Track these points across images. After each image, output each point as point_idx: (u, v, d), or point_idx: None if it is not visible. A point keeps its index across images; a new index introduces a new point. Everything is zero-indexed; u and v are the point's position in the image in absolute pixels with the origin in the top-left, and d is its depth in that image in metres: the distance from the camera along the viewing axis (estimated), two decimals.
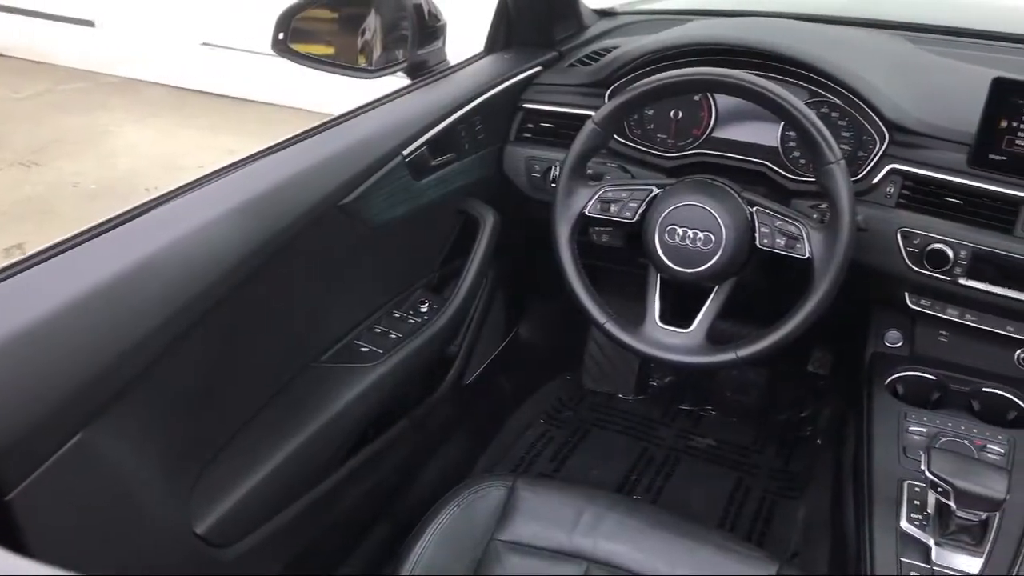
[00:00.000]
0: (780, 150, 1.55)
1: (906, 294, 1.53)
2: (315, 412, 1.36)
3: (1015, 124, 1.37)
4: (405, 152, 1.44)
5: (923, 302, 1.52)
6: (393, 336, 1.53)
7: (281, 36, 1.62)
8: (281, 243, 1.22)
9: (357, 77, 1.69)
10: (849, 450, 1.58)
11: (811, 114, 1.30)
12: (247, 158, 1.29)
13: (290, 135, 1.35)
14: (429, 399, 1.74)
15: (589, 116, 1.44)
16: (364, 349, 1.49)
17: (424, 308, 1.62)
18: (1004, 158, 1.39)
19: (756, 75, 1.36)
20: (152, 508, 1.09)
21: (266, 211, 1.20)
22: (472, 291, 1.66)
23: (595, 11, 1.99)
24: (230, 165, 1.26)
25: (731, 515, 1.99)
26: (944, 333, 1.59)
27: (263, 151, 1.31)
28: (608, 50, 1.74)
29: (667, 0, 2.34)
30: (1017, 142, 1.38)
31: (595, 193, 1.43)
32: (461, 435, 1.98)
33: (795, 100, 1.30)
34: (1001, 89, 1.36)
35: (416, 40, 1.65)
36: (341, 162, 1.33)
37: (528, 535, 1.37)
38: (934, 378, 1.56)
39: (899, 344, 1.62)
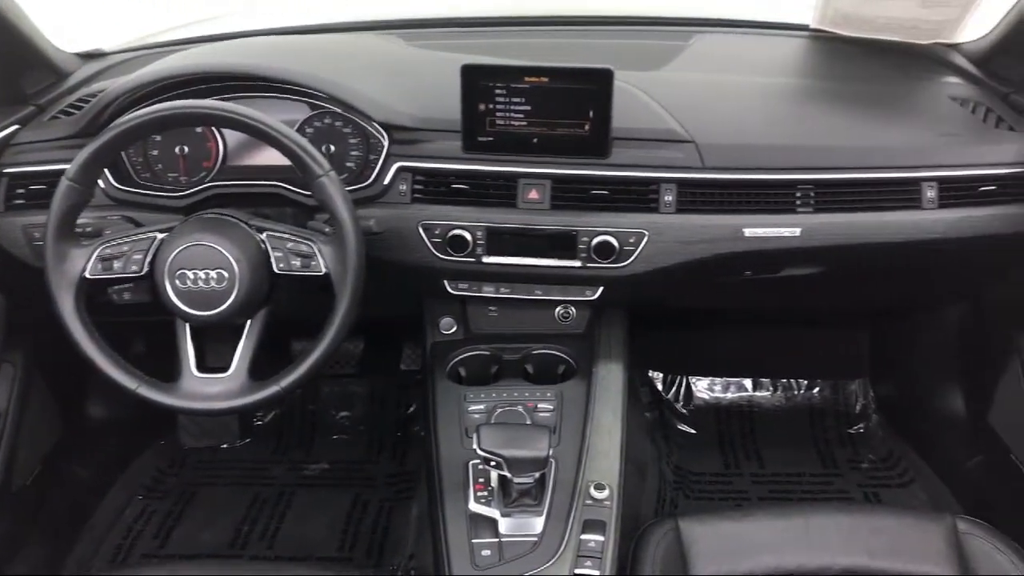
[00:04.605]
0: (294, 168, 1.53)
1: (445, 282, 1.57)
2: None
3: (491, 106, 1.45)
4: None
5: (461, 285, 1.58)
6: None
7: None
8: None
9: None
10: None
11: (288, 132, 1.29)
12: None
13: None
14: None
15: None
16: None
17: None
18: (491, 139, 1.48)
19: (228, 100, 1.32)
20: None
21: None
22: None
23: (79, 55, 1.83)
24: None
25: (350, 535, 1.97)
26: (492, 308, 1.67)
27: None
28: (96, 95, 1.61)
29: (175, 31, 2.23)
30: (498, 122, 1.46)
31: (92, 253, 1.31)
32: (33, 544, 1.76)
33: (269, 121, 1.28)
34: (471, 74, 1.43)
35: None
36: None
37: None
38: (489, 353, 1.63)
39: (453, 329, 1.68)
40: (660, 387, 2.40)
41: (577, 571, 1.19)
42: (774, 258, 1.53)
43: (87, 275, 1.31)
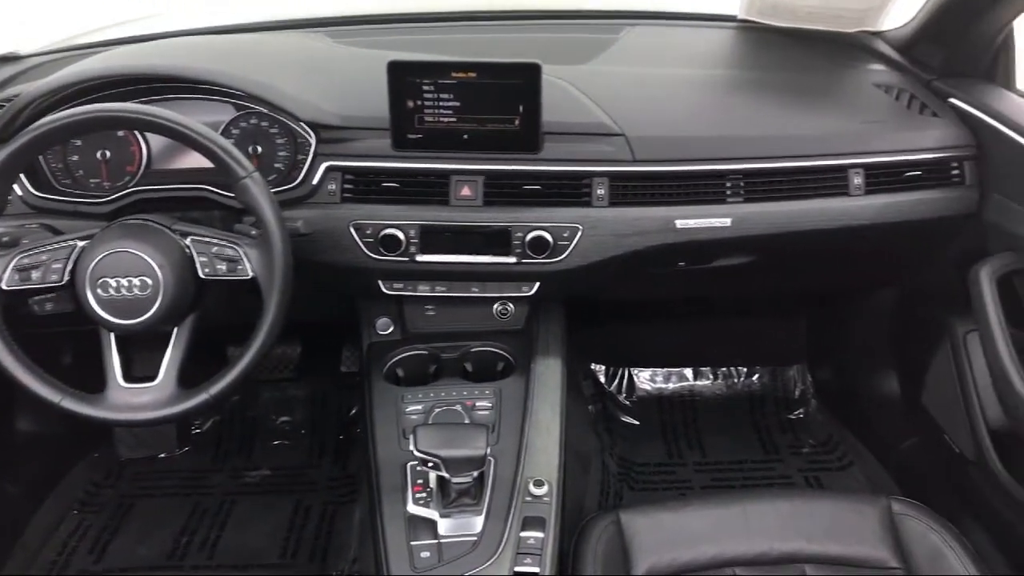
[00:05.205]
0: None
1: (379, 282, 1.55)
2: None
3: (420, 103, 1.43)
4: None
5: (396, 285, 1.56)
6: None
7: None
8: None
9: None
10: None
11: (209, 134, 1.25)
12: None
13: None
14: None
15: None
16: None
17: None
18: (421, 136, 1.46)
19: (150, 103, 1.29)
20: None
21: None
22: None
23: None
24: None
25: (292, 541, 1.94)
26: (430, 307, 1.65)
27: None
28: (10, 99, 1.55)
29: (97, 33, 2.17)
30: (427, 119, 1.45)
31: (8, 263, 1.27)
32: None
33: (189, 123, 1.25)
34: (397, 71, 1.41)
35: None
36: None
37: None
38: (427, 352, 1.61)
39: (390, 330, 1.66)
40: (603, 379, 2.41)
41: (517, 569, 1.18)
42: (706, 248, 1.54)
43: (3, 286, 1.26)
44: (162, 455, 2.23)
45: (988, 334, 1.50)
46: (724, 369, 2.44)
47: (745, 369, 2.44)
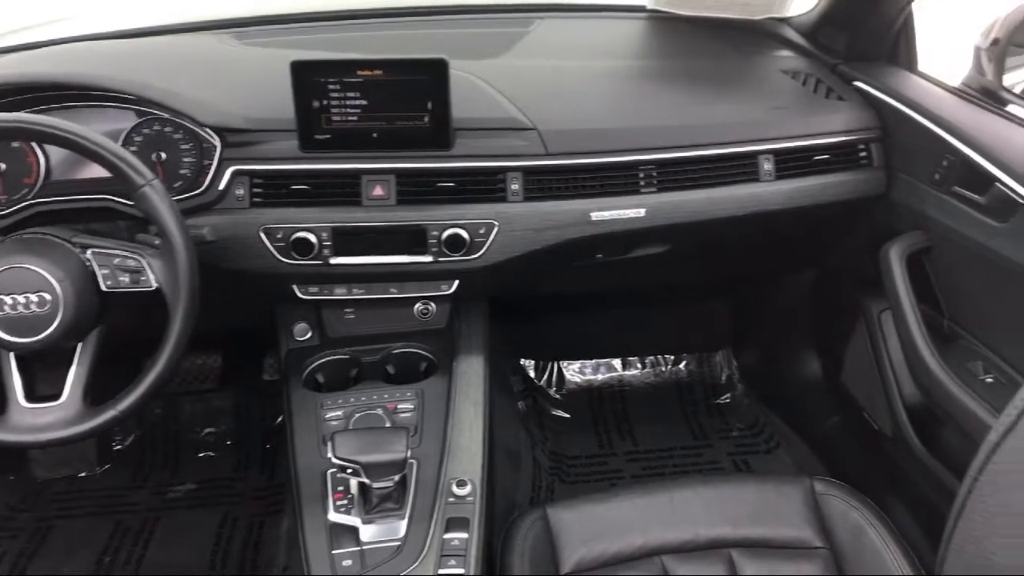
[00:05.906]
0: None
1: (294, 287, 1.52)
2: None
3: (326, 102, 1.41)
4: None
5: (311, 290, 1.53)
6: None
7: None
8: None
9: None
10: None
11: (103, 142, 1.21)
12: None
13: None
14: None
15: None
16: None
17: None
18: (329, 136, 1.43)
19: (47, 111, 1.24)
20: None
21: None
22: None
23: None
24: None
25: (219, 554, 1.90)
26: (349, 310, 1.62)
27: None
28: None
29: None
30: (334, 118, 1.42)
31: None
32: None
33: (81, 131, 1.20)
34: (301, 71, 1.38)
35: None
36: None
37: None
38: (347, 357, 1.59)
39: (308, 335, 1.63)
40: (532, 374, 2.40)
41: (441, 571, 1.17)
42: (623, 240, 1.54)
43: None
44: (82, 474, 2.16)
45: (899, 312, 1.53)
46: (652, 358, 2.46)
47: (672, 357, 2.46)
